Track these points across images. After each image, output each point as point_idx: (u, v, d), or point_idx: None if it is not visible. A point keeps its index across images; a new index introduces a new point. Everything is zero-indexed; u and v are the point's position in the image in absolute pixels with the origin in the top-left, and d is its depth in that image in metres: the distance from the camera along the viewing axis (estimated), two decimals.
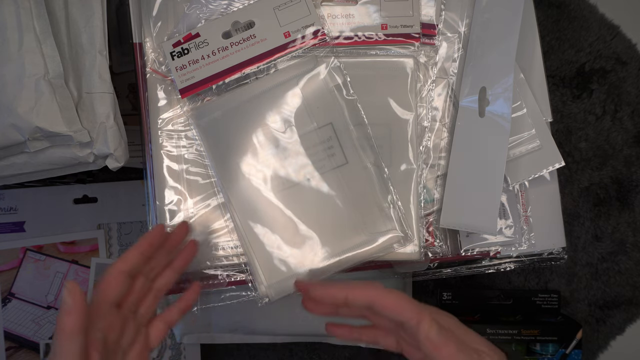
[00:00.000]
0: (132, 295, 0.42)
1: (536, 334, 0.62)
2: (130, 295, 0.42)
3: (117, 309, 0.41)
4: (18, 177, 0.48)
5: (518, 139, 0.51)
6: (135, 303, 0.43)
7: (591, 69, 0.70)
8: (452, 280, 0.69)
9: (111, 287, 0.40)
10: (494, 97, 0.49)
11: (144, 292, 0.43)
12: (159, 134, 0.49)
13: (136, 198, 0.67)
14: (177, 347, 0.67)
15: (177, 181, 0.49)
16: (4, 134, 0.44)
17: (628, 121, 0.70)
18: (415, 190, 0.49)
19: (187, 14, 0.49)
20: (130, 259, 0.41)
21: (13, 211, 0.67)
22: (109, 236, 0.67)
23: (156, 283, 0.45)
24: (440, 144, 0.51)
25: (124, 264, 0.41)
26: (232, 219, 0.48)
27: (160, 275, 0.45)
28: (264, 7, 0.49)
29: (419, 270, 0.53)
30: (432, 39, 0.51)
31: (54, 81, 0.44)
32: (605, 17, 0.71)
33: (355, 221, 0.48)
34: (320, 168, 0.48)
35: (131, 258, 0.41)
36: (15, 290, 0.66)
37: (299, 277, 0.47)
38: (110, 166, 0.47)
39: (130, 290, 0.42)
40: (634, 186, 0.70)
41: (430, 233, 0.51)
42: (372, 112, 0.49)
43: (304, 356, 0.69)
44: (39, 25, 0.44)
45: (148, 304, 0.44)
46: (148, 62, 0.49)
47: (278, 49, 0.48)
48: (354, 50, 0.50)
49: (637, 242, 0.70)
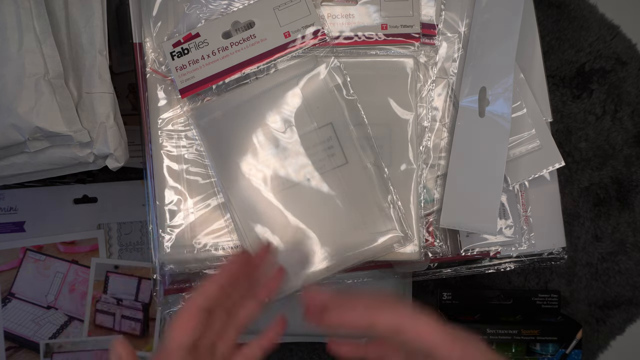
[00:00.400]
0: (210, 332, 0.37)
1: (536, 334, 0.62)
2: (207, 332, 0.37)
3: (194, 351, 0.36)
4: (18, 177, 0.48)
5: (518, 139, 0.51)
6: (213, 340, 0.38)
7: (591, 69, 0.70)
8: (452, 280, 0.69)
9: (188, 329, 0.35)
10: (494, 97, 0.49)
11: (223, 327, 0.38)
12: (159, 134, 0.49)
13: (136, 198, 0.67)
14: None
15: (177, 181, 0.49)
16: (4, 134, 0.44)
17: (628, 121, 0.70)
18: (415, 190, 0.49)
19: (187, 14, 0.49)
20: (210, 294, 0.36)
21: (13, 211, 0.67)
22: (109, 236, 0.67)
23: (236, 316, 0.39)
24: (440, 144, 0.51)
25: (203, 299, 0.36)
26: (232, 219, 0.48)
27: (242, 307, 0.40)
28: (264, 7, 0.49)
29: (419, 270, 0.53)
30: (432, 39, 0.51)
31: (54, 81, 0.44)
32: (605, 17, 0.71)
33: (355, 221, 0.48)
34: (320, 168, 0.48)
35: (211, 292, 0.36)
36: (15, 290, 0.66)
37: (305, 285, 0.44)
38: (110, 166, 0.47)
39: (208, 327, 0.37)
40: (634, 186, 0.70)
41: (430, 233, 0.51)
42: (372, 112, 0.49)
43: (304, 356, 0.69)
44: (39, 25, 0.44)
45: (228, 340, 0.39)
46: (148, 62, 0.49)
47: (278, 49, 0.48)
48: (354, 50, 0.50)
49: (637, 242, 0.70)
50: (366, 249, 0.48)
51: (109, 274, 0.67)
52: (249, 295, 0.40)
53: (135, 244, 0.68)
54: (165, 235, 0.48)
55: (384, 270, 0.53)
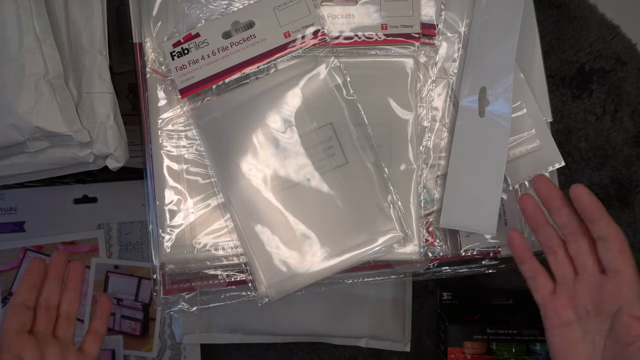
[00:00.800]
0: (41, 322, 0.47)
1: (536, 334, 0.62)
2: (38, 322, 0.47)
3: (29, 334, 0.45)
4: (18, 177, 0.48)
5: (518, 139, 0.51)
6: (49, 328, 0.47)
7: (591, 69, 0.70)
8: (452, 280, 0.69)
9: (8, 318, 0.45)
10: (494, 97, 0.49)
11: (52, 318, 0.48)
12: (159, 134, 0.49)
13: (136, 198, 0.67)
14: (177, 347, 0.67)
15: (177, 181, 0.49)
16: (4, 134, 0.44)
17: (628, 121, 0.70)
18: (415, 190, 0.49)
19: (187, 14, 0.49)
20: (18, 294, 0.47)
21: (13, 211, 0.67)
22: (109, 236, 0.67)
23: (61, 308, 0.48)
24: (440, 144, 0.51)
25: (14, 299, 0.47)
26: (232, 219, 0.48)
27: (62, 299, 0.49)
28: (264, 7, 0.49)
29: (419, 270, 0.53)
30: (432, 39, 0.51)
31: (54, 81, 0.44)
32: (605, 17, 0.71)
33: (355, 221, 0.48)
34: (320, 168, 0.48)
35: (19, 293, 0.47)
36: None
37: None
38: (110, 166, 0.47)
39: (36, 318, 0.47)
40: (634, 186, 0.70)
41: (430, 233, 0.51)
42: (372, 112, 0.49)
43: (304, 356, 0.69)
44: (39, 25, 0.44)
45: (63, 327, 0.48)
46: (148, 62, 0.49)
47: (278, 49, 0.48)
48: (354, 50, 0.50)
49: (637, 242, 0.70)
50: (366, 249, 0.48)
51: (109, 274, 0.67)
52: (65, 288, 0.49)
53: (135, 244, 0.68)
54: (165, 235, 0.48)
55: (384, 270, 0.53)
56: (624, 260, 0.41)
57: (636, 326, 0.39)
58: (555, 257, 0.45)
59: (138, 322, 0.67)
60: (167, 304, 0.50)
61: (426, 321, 0.69)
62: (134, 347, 0.66)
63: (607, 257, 0.41)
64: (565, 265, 0.44)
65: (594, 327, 0.42)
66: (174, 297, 0.50)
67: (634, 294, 0.40)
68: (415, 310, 0.68)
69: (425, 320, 0.69)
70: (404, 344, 0.67)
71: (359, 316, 0.65)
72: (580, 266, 0.43)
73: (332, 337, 0.66)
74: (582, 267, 0.43)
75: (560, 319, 0.43)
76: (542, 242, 0.45)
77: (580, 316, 0.43)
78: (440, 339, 0.66)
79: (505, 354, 0.63)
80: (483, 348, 0.63)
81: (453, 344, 0.63)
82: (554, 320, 0.44)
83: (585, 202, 0.42)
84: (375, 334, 0.66)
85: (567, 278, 0.44)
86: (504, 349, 0.63)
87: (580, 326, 0.43)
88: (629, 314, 0.40)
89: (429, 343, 0.69)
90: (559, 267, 0.44)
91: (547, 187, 0.44)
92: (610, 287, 0.41)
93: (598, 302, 0.42)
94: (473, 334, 0.63)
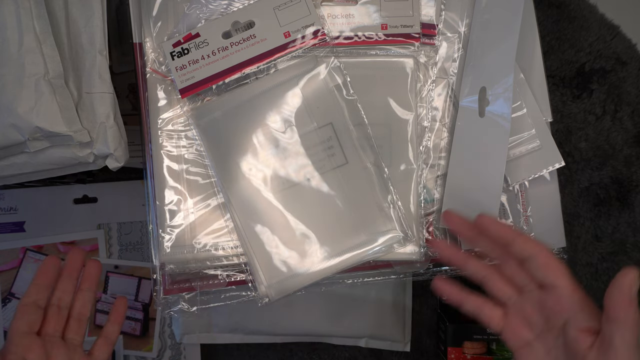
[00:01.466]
0: (51, 324, 0.45)
1: None
2: (47, 323, 0.45)
3: (37, 336, 0.44)
4: (18, 177, 0.48)
5: (518, 139, 0.51)
6: (59, 330, 0.46)
7: (591, 69, 0.70)
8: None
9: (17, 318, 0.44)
10: (494, 97, 0.49)
11: (63, 320, 0.46)
12: (159, 134, 0.49)
13: (136, 198, 0.67)
14: (177, 347, 0.67)
15: (177, 181, 0.49)
16: (4, 134, 0.44)
17: (628, 121, 0.70)
18: (415, 190, 0.49)
19: (187, 14, 0.49)
20: (30, 293, 0.45)
21: (13, 211, 0.67)
22: (109, 236, 0.67)
23: (73, 309, 0.47)
24: (440, 144, 0.51)
25: (25, 298, 0.45)
26: (232, 219, 0.48)
27: (75, 300, 0.48)
28: (264, 7, 0.49)
29: (419, 270, 0.53)
30: (432, 39, 0.51)
31: (54, 81, 0.44)
32: (605, 17, 0.71)
33: (355, 221, 0.48)
34: (320, 168, 0.48)
35: (30, 292, 0.45)
36: (15, 290, 0.66)
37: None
38: (110, 166, 0.47)
39: (46, 319, 0.45)
40: (634, 186, 0.70)
41: (430, 233, 0.51)
42: (372, 112, 0.49)
43: (304, 356, 0.69)
44: (39, 25, 0.44)
45: (73, 329, 0.47)
46: (148, 62, 0.49)
47: (278, 49, 0.48)
48: (354, 50, 0.50)
49: (637, 242, 0.70)
50: (366, 249, 0.48)
51: (109, 274, 0.67)
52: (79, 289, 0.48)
53: (135, 244, 0.68)
54: (165, 235, 0.48)
55: (384, 270, 0.53)
56: (555, 274, 0.40)
57: (585, 339, 0.38)
58: (493, 283, 0.44)
59: (138, 322, 0.67)
60: (167, 304, 0.50)
61: (426, 321, 0.69)
62: (134, 347, 0.66)
63: (537, 275, 0.41)
64: (505, 288, 0.44)
65: (552, 342, 0.41)
66: (174, 297, 0.50)
67: (575, 306, 0.39)
68: (415, 310, 0.68)
69: (425, 320, 0.69)
70: (404, 344, 0.67)
71: (359, 316, 0.65)
72: (520, 285, 0.43)
73: (332, 337, 0.66)
74: (522, 285, 0.43)
75: (521, 340, 0.42)
76: (473, 276, 0.45)
77: (537, 334, 0.42)
78: (440, 339, 0.66)
79: (505, 354, 0.63)
80: (483, 348, 0.63)
81: (453, 344, 0.63)
82: (515, 342, 0.43)
83: (493, 230, 0.42)
84: (375, 334, 0.66)
85: (512, 299, 0.43)
86: (504, 349, 0.63)
87: (541, 343, 0.42)
88: (575, 327, 0.39)
89: (429, 343, 0.69)
90: (501, 291, 0.44)
91: (454, 222, 0.45)
92: (552, 302, 0.41)
93: (547, 318, 0.41)
94: (473, 334, 0.63)
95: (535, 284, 0.42)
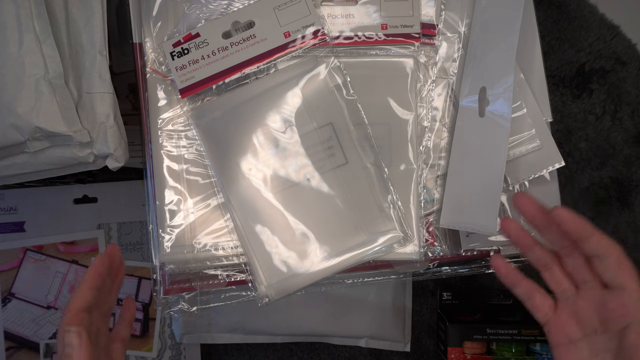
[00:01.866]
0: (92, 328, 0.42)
1: (536, 334, 0.62)
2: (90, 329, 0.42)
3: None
4: (18, 177, 0.48)
5: (518, 139, 0.51)
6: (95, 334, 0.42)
7: (591, 69, 0.70)
8: (452, 280, 0.69)
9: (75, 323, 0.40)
10: (494, 97, 0.49)
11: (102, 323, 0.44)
12: (159, 134, 0.49)
13: (136, 198, 0.67)
14: (177, 347, 0.67)
15: (177, 181, 0.49)
16: (4, 134, 0.44)
17: (628, 121, 0.70)
18: (415, 190, 0.49)
19: (187, 14, 0.49)
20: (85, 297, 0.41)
21: (13, 211, 0.67)
22: (109, 236, 0.67)
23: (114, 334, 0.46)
24: (440, 144, 0.51)
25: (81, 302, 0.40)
26: (232, 219, 0.48)
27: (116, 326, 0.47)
28: (264, 7, 0.49)
29: (419, 270, 0.53)
30: (432, 39, 0.51)
31: (54, 81, 0.44)
32: (605, 17, 0.71)
33: (355, 221, 0.48)
34: (320, 168, 0.48)
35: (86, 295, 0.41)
36: (15, 290, 0.66)
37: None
38: (110, 166, 0.47)
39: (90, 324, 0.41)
40: (634, 186, 0.70)
41: (430, 233, 0.51)
42: (372, 112, 0.49)
43: (304, 356, 0.69)
44: (39, 25, 0.44)
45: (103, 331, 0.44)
46: (148, 62, 0.49)
47: (278, 49, 0.48)
48: (354, 50, 0.50)
49: (637, 242, 0.70)
50: (366, 249, 0.48)
51: None
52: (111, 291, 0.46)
53: (135, 244, 0.68)
54: (165, 235, 0.48)
55: (384, 270, 0.53)
56: (626, 275, 0.38)
57: None
58: (551, 274, 0.42)
59: (138, 322, 0.67)
60: (167, 304, 0.50)
61: (426, 321, 0.69)
62: (134, 347, 0.66)
63: (606, 274, 0.39)
64: (564, 280, 0.42)
65: (602, 345, 0.39)
66: (174, 297, 0.50)
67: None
68: (415, 310, 0.68)
69: (425, 320, 0.69)
70: (404, 344, 0.67)
71: (359, 316, 0.65)
72: (580, 280, 0.41)
73: (332, 337, 0.66)
74: (582, 281, 0.41)
75: (566, 337, 0.41)
76: (534, 262, 0.43)
77: (586, 333, 0.40)
78: (440, 339, 0.66)
79: (505, 354, 0.63)
80: (483, 348, 0.63)
81: (453, 344, 0.63)
82: (559, 338, 0.41)
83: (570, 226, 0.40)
84: (375, 334, 0.66)
85: (567, 293, 0.41)
86: (504, 349, 0.63)
87: (588, 344, 0.40)
88: (638, 332, 0.37)
89: (429, 343, 0.69)
90: (557, 283, 0.42)
91: (528, 205, 0.42)
92: (615, 304, 0.38)
93: (604, 319, 0.39)
94: (473, 334, 0.63)
95: (599, 283, 0.40)
